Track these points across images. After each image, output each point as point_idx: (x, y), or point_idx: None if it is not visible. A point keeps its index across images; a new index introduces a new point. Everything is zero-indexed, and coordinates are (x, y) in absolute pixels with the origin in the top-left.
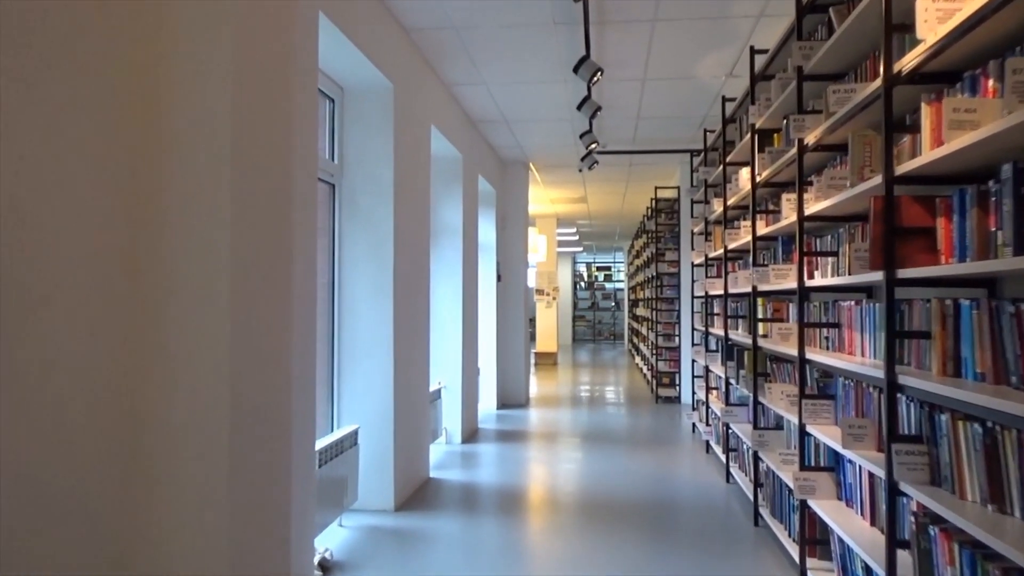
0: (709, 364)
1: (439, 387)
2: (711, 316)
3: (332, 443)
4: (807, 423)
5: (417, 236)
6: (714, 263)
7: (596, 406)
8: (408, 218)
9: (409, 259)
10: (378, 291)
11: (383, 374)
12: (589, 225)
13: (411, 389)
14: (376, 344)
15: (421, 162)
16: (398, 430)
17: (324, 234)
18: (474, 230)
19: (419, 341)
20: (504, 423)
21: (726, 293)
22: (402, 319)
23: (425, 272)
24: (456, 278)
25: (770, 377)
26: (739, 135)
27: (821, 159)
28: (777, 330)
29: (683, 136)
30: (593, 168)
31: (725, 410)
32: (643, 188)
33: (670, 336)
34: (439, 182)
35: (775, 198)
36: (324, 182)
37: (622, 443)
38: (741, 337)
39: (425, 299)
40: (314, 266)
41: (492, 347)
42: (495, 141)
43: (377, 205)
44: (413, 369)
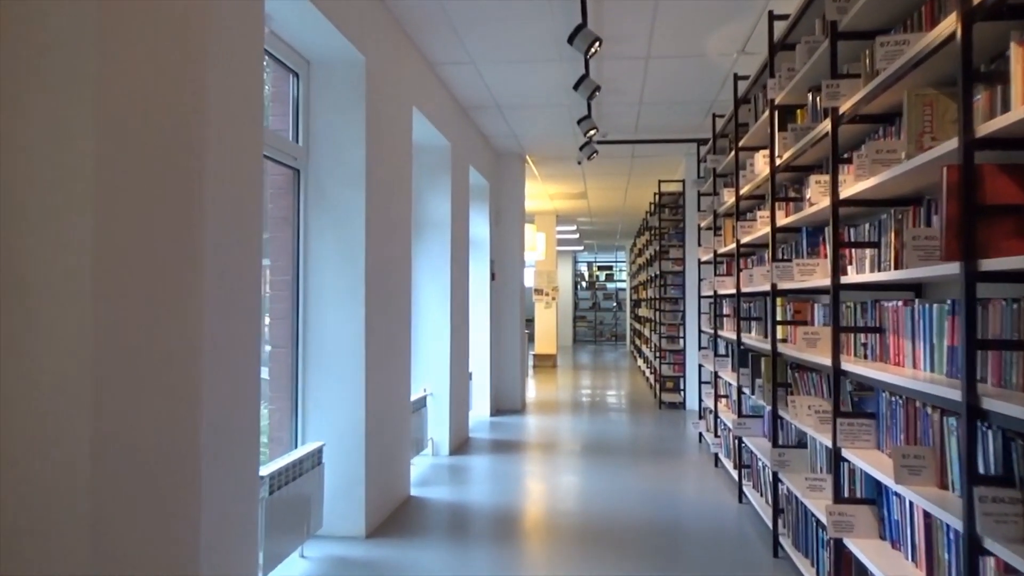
0: (718, 370)
1: (424, 394)
2: (720, 318)
3: (289, 464)
4: (843, 446)
5: (396, 229)
6: (724, 260)
7: (596, 412)
8: (384, 208)
9: (386, 254)
10: (348, 290)
11: (353, 383)
12: (590, 223)
13: (388, 398)
14: (346, 349)
15: (400, 147)
16: (371, 445)
17: (286, 226)
18: (465, 225)
19: (398, 345)
20: (497, 431)
21: (738, 292)
22: (376, 321)
23: (406, 269)
24: (443, 276)
25: (791, 388)
26: (754, 116)
27: (856, 135)
28: (802, 335)
29: (689, 124)
30: (592, 158)
31: (737, 422)
32: (646, 182)
33: (674, 338)
34: (425, 172)
35: (797, 184)
36: (286, 166)
37: (624, 454)
38: (756, 341)
39: (406, 299)
40: (256, 259)
41: (485, 350)
42: (488, 130)
43: (347, 193)
44: (391, 376)
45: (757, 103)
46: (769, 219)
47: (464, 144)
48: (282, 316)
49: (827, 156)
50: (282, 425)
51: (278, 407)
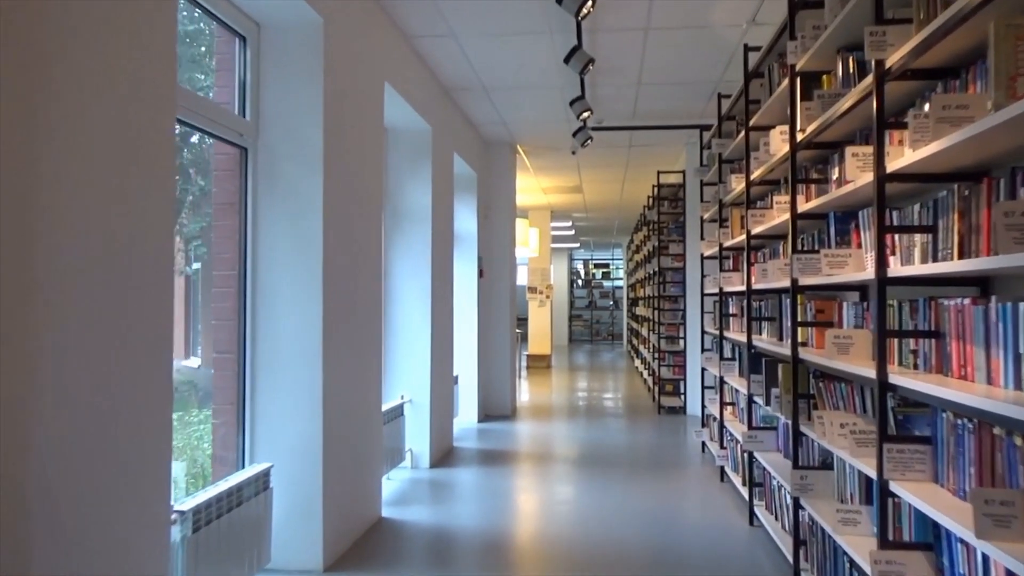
0: (724, 375)
1: (401, 402)
2: (726, 317)
3: (224, 493)
4: (891, 478)
5: (364, 218)
6: (731, 254)
7: (592, 417)
8: (348, 194)
9: (351, 246)
10: (304, 287)
11: (309, 393)
12: (585, 218)
13: (354, 408)
14: (301, 355)
15: (369, 127)
16: (331, 462)
17: (232, 213)
18: (449, 218)
19: (367, 348)
20: (485, 440)
21: (748, 289)
22: (338, 322)
23: (376, 264)
24: (423, 272)
25: (815, 400)
26: (768, 90)
27: (900, 98)
28: (832, 339)
29: (692, 109)
30: (587, 145)
31: (748, 435)
32: (644, 174)
33: (674, 339)
34: (403, 159)
35: (821, 163)
36: (231, 143)
37: (622, 466)
38: (770, 345)
39: (375, 297)
40: (168, 251)
41: (473, 352)
42: (474, 116)
43: (302, 175)
44: (358, 383)
45: (772, 75)
46: (789, 204)
47: (447, 129)
48: (227, 317)
49: (860, 128)
50: (227, 443)
51: (223, 422)
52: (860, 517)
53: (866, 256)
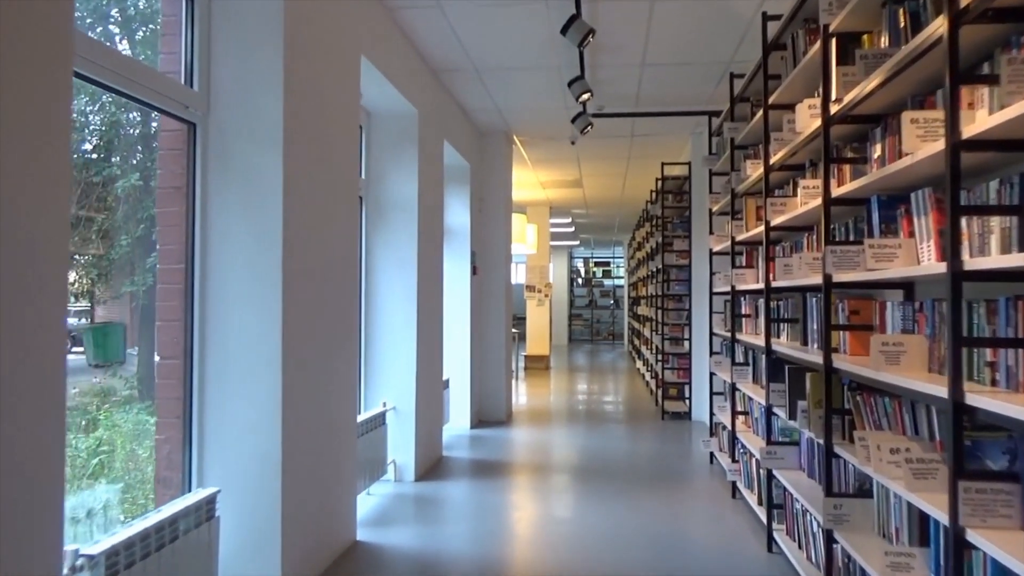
0: (737, 381)
1: (383, 410)
2: (739, 318)
3: (156, 525)
4: (969, 525)
5: (334, 206)
6: (744, 248)
7: (592, 423)
8: (314, 177)
9: (317, 237)
10: (260, 282)
11: (266, 403)
12: (586, 215)
13: (320, 419)
14: (257, 360)
15: (342, 103)
16: (292, 483)
17: (179, 198)
18: (438, 210)
19: (339, 352)
20: (477, 448)
21: (768, 288)
22: (301, 322)
23: (350, 258)
24: (408, 268)
25: (853, 417)
26: (791, 61)
27: (972, 51)
28: (880, 346)
29: (699, 94)
30: (587, 132)
31: (766, 451)
32: (646, 168)
33: (678, 340)
34: (385, 144)
35: (858, 141)
36: (177, 118)
37: (624, 479)
38: (792, 350)
39: (350, 294)
40: (61, 239)
41: (465, 354)
42: (467, 101)
43: (259, 153)
44: (327, 391)
45: (796, 44)
46: (819, 188)
47: (436, 114)
48: (172, 317)
49: (914, 94)
50: (172, 462)
51: (167, 438)
52: (914, 562)
53: (920, 247)
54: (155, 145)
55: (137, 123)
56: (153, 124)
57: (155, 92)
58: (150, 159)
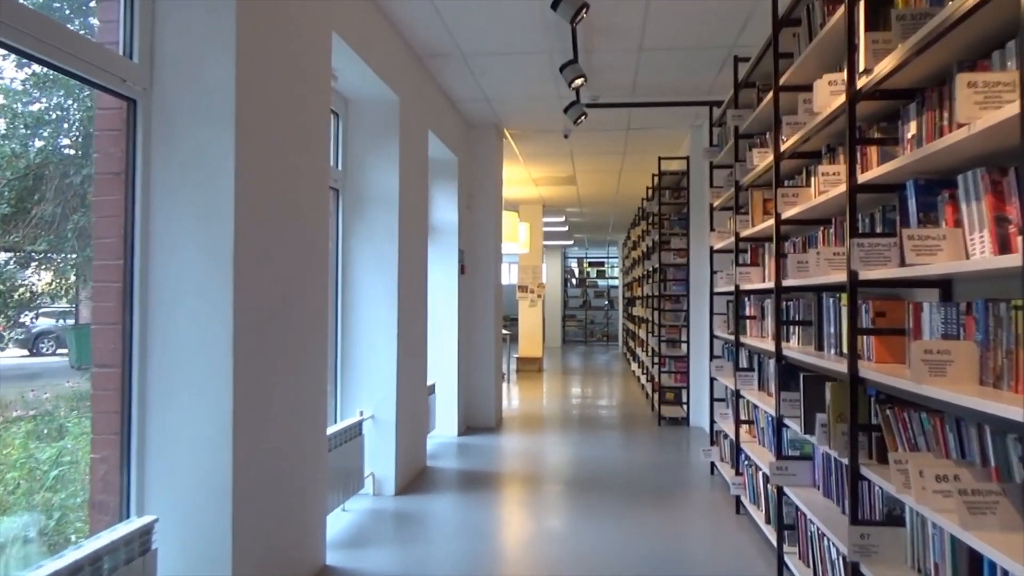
0: (741, 388)
1: (360, 419)
2: (743, 320)
3: (68, 568)
4: None
5: (299, 195)
6: (749, 245)
7: (586, 429)
8: (273, 162)
9: (278, 229)
10: (209, 280)
11: (215, 416)
12: (580, 213)
13: (281, 432)
14: (204, 368)
15: (309, 83)
16: (244, 505)
17: (118, 184)
18: (422, 205)
19: (306, 357)
20: (464, 458)
21: (778, 287)
22: (256, 324)
23: (319, 253)
24: (389, 266)
25: (880, 433)
26: (803, 38)
27: None
28: (922, 354)
29: (700, 82)
30: (580, 122)
31: (776, 466)
32: (643, 162)
33: (675, 342)
34: (364, 133)
35: (888, 120)
36: (115, 93)
37: (620, 492)
38: (805, 355)
39: (318, 294)
40: None
41: (453, 357)
42: (454, 90)
43: (208, 133)
44: (288, 401)
45: (812, 16)
46: (841, 175)
47: (419, 102)
48: (109, 320)
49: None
50: (109, 484)
51: (103, 456)
52: None
53: (971, 238)
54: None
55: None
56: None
57: (87, 63)
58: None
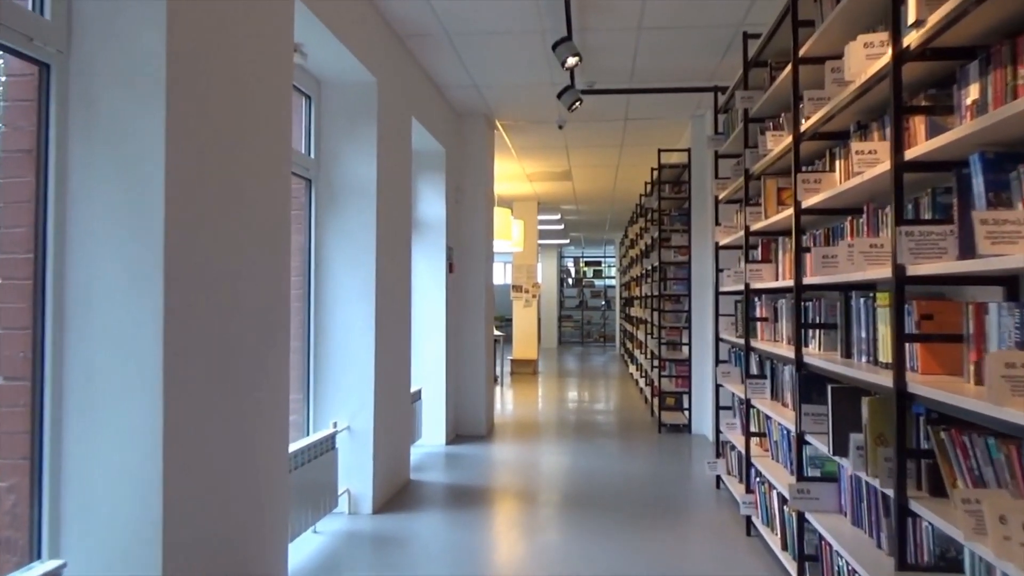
0: (752, 397)
1: (332, 432)
2: (753, 322)
3: None
4: None
5: (251, 181)
6: (760, 240)
7: (582, 437)
8: (216, 140)
9: (224, 217)
10: (135, 275)
11: (143, 437)
12: (576, 211)
13: (232, 454)
14: (130, 379)
15: (265, 52)
16: (177, 544)
17: (27, 164)
18: (404, 197)
19: (261, 365)
20: (451, 470)
21: (799, 285)
22: (196, 328)
23: (278, 247)
24: (366, 263)
25: (935, 461)
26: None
27: None
28: (1003, 369)
29: (703, 66)
30: (576, 108)
31: (796, 488)
32: (641, 156)
33: (676, 345)
34: (338, 118)
35: (939, 86)
36: (22, 56)
37: (619, 510)
38: (829, 363)
39: (277, 292)
40: None
41: (440, 361)
42: (440, 75)
43: (134, 104)
44: (238, 415)
45: None
46: (886, 151)
47: (401, 86)
48: (17, 324)
49: None
50: (18, 518)
51: (11, 485)
52: None
53: None
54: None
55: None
56: None
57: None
58: None
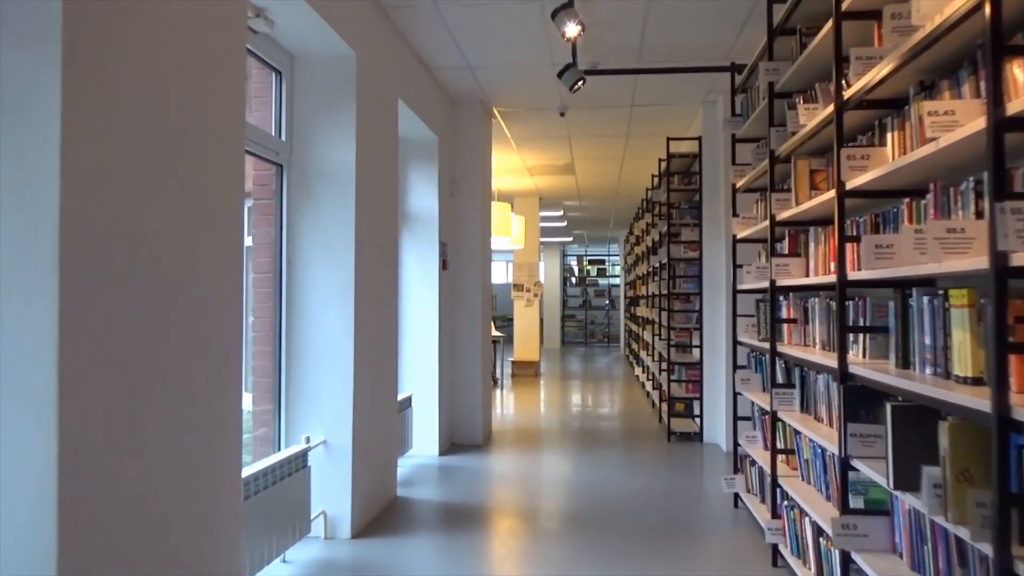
0: (779, 409)
1: (304, 447)
2: (780, 324)
3: None
4: None
5: (188, 152)
6: (786, 231)
7: (586, 447)
8: (135, 100)
9: (146, 196)
10: (26, 262)
11: (37, 470)
12: (579, 207)
13: (169, 482)
14: (21, 400)
15: (208, 12)
16: None
17: None
18: (390, 186)
19: (205, 377)
20: (443, 484)
21: (842, 282)
22: (105, 331)
23: (230, 237)
24: (344, 258)
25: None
26: None
27: None
28: None
29: (718, 43)
30: (578, 89)
31: (840, 524)
32: (648, 147)
33: (686, 347)
34: (311, 97)
35: None
36: None
37: (626, 532)
38: (882, 375)
39: (229, 289)
40: None
41: (433, 365)
42: (430, 55)
43: (21, 50)
44: (171, 441)
45: None
46: (982, 108)
47: (384, 63)
48: None
49: None
50: None
51: None
52: None
53: None
54: None
55: None
56: None
57: None
58: None
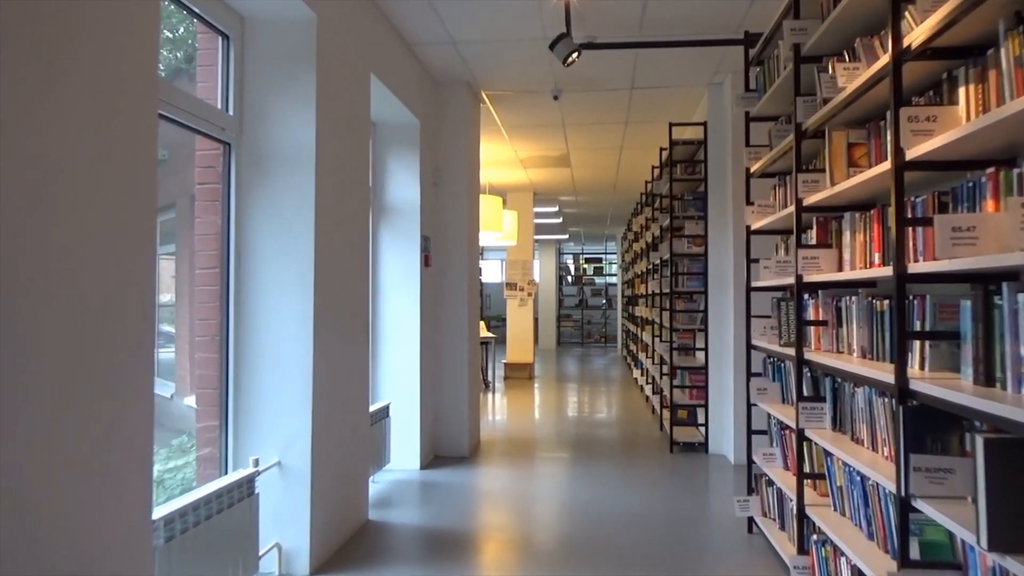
0: (807, 426)
1: (252, 471)
2: (806, 327)
3: None
4: None
5: (71, 111)
6: (817, 219)
7: (581, 459)
8: None
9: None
10: None
11: None
12: (575, 203)
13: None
14: None
15: None
16: None
17: None
18: (359, 171)
19: (106, 392)
20: (423, 505)
21: (901, 276)
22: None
23: (141, 224)
24: (302, 250)
25: None
26: None
27: None
28: None
29: (730, 13)
30: (572, 63)
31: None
32: (648, 136)
33: (690, 350)
34: (266, 65)
35: None
36: None
37: (627, 564)
38: (972, 399)
39: (140, 287)
40: None
41: (414, 369)
42: (408, 26)
43: None
44: (65, 471)
45: None
46: None
47: (351, 29)
48: None
49: None
50: None
51: None
52: None
53: None
54: None
55: None
56: None
57: None
58: None
